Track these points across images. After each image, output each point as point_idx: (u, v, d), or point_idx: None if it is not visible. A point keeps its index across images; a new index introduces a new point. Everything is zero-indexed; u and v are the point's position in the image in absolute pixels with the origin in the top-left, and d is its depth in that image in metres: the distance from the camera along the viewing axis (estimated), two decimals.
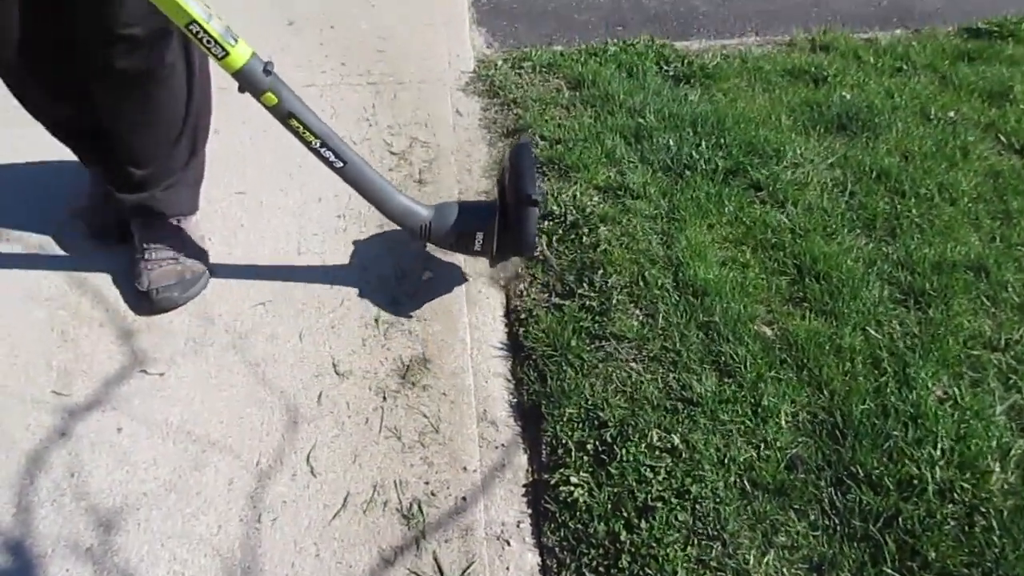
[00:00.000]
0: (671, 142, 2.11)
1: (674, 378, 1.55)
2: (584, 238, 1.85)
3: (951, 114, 2.28)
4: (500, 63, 2.50)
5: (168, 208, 1.73)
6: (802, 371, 1.55)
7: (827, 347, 1.59)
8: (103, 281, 1.76)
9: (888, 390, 1.51)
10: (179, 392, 1.55)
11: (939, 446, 1.41)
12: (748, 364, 1.56)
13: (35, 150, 2.02)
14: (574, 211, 1.91)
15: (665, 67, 2.51)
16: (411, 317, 1.71)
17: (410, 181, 2.05)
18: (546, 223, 1.90)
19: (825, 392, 1.51)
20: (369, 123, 2.25)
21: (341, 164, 1.52)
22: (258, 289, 1.76)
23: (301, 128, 1.46)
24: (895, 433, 1.43)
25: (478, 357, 1.66)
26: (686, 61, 2.52)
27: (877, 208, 1.94)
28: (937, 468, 1.37)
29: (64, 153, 1.73)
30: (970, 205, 1.95)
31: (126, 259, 1.77)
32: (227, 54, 1.33)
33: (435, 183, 2.05)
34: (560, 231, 1.88)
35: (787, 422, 1.47)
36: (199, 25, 1.28)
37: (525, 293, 1.77)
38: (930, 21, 2.87)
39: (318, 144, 1.48)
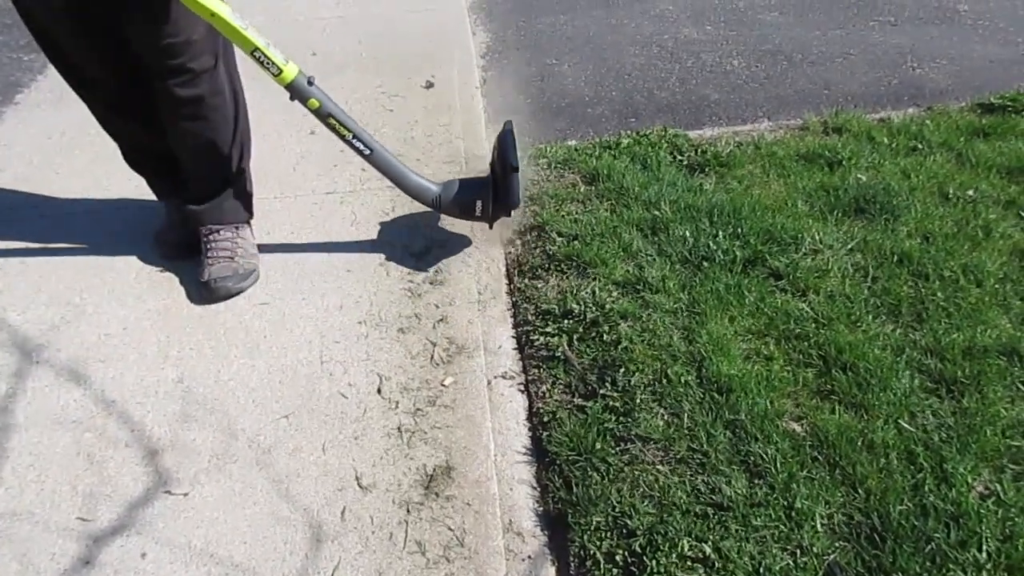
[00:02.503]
0: (688, 234, 2.12)
1: (702, 481, 1.51)
2: (605, 336, 1.84)
3: (970, 192, 2.26)
4: None
5: (225, 217, 2.10)
6: (835, 470, 1.51)
7: (859, 443, 1.55)
8: (131, 400, 1.77)
9: (926, 488, 1.46)
10: (203, 512, 1.54)
11: (984, 548, 1.35)
12: (778, 464, 1.52)
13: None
14: (593, 308, 1.91)
15: (679, 157, 2.54)
16: (434, 424, 1.70)
17: (427, 284, 2.07)
18: (566, 322, 1.89)
19: (860, 491, 1.47)
20: (389, 227, 2.28)
21: (368, 152, 1.93)
22: (281, 401, 1.76)
23: (337, 125, 1.87)
24: (936, 535, 1.37)
25: (502, 464, 1.64)
26: (699, 150, 2.55)
27: (901, 293, 1.92)
28: (984, 572, 1.31)
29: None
30: (997, 286, 1.92)
31: (155, 378, 1.80)
32: (281, 72, 1.76)
33: (452, 284, 2.07)
34: (580, 329, 1.87)
35: (823, 525, 1.42)
36: (261, 51, 1.72)
37: (548, 395, 1.76)
38: (941, 99, 2.89)
39: (351, 137, 1.89)
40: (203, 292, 2.05)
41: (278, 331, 1.94)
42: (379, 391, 1.78)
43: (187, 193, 2.07)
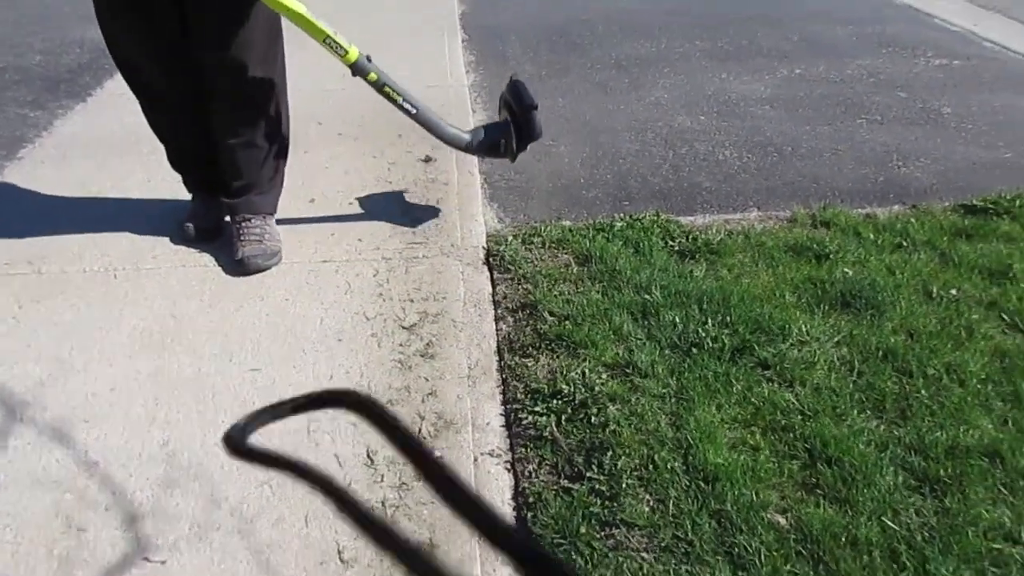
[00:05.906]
0: (678, 319, 2.15)
1: (687, 571, 1.51)
2: (593, 418, 1.85)
3: (953, 292, 2.32)
4: (511, 238, 2.60)
5: (257, 208, 2.47)
6: (819, 565, 1.51)
7: (843, 539, 1.55)
8: (114, 462, 1.76)
9: None
10: None
11: None
12: (763, 557, 1.52)
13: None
14: (583, 390, 1.92)
15: (671, 242, 2.59)
16: (419, 500, 1.70)
17: (418, 357, 2.09)
18: (555, 402, 1.91)
19: None
20: (383, 298, 2.31)
21: (415, 111, 2.37)
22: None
23: (392, 92, 2.31)
24: None
25: (486, 544, 1.62)
26: (691, 236, 2.61)
27: (886, 389, 1.94)
28: None
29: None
30: (979, 387, 1.95)
31: (140, 441, 1.79)
32: (347, 53, 2.17)
33: (444, 358, 2.08)
34: (569, 410, 1.88)
35: None
36: (331, 38, 2.12)
37: (534, 475, 1.76)
38: (926, 198, 2.97)
39: (402, 100, 2.33)
40: (237, 268, 2.39)
41: (267, 398, 1.93)
42: (365, 463, 1.78)
43: (226, 189, 2.45)
